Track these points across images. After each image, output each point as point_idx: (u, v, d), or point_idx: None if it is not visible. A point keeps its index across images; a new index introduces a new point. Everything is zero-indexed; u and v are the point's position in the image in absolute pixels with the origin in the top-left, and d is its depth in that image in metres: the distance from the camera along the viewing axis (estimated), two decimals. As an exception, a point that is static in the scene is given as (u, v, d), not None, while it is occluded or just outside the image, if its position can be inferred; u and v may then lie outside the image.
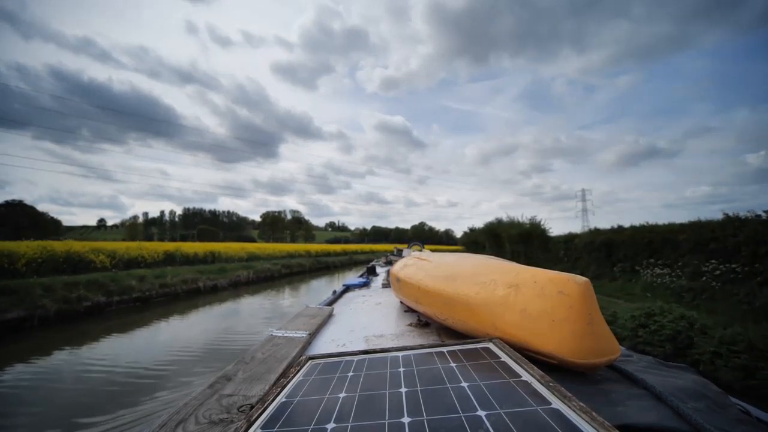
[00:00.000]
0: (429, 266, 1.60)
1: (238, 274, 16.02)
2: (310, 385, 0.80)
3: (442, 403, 0.65)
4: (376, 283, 3.37)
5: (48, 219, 64.62)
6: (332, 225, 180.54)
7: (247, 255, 21.96)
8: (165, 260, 16.02)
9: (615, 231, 12.98)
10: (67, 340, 7.06)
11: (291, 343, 1.32)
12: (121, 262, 13.76)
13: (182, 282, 12.84)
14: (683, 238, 9.60)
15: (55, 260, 11.51)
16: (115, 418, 3.81)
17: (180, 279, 12.90)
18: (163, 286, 12.00)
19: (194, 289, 13.14)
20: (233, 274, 15.71)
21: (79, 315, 9.02)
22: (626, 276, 11.17)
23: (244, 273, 16.44)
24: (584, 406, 0.57)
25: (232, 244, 26.42)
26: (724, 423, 0.68)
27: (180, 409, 0.82)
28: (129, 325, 8.42)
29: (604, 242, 12.83)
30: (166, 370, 5.40)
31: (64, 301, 8.87)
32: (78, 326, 8.22)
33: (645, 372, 0.90)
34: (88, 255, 12.56)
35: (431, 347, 0.97)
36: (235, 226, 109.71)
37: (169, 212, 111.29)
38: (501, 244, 20.55)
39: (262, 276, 17.64)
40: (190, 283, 13.11)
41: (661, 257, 10.22)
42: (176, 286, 12.44)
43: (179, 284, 12.61)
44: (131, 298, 10.62)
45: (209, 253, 19.38)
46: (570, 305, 0.86)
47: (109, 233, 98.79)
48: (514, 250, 18.68)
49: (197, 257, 18.23)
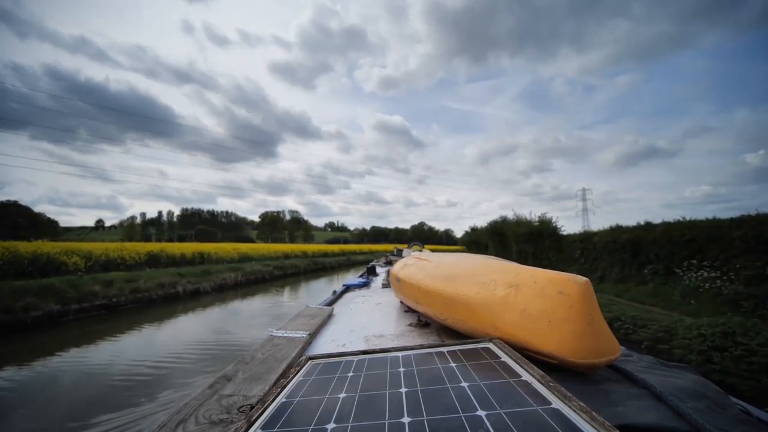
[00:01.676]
0: (429, 266, 1.60)
1: (225, 276, 14.76)
2: (310, 385, 0.80)
3: (442, 403, 0.65)
4: (376, 283, 3.37)
5: (44, 219, 64.36)
6: (331, 225, 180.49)
7: (239, 256, 20.96)
8: (148, 262, 15.03)
9: (643, 228, 11.39)
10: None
11: (291, 344, 1.32)
12: (98, 264, 12.77)
13: (158, 286, 11.55)
14: (738, 235, 8.10)
15: (19, 262, 10.45)
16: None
17: (155, 283, 11.61)
18: (135, 291, 10.71)
19: (172, 294, 11.83)
20: (219, 277, 14.43)
21: (27, 326, 7.73)
22: (659, 279, 9.85)
23: (232, 275, 15.25)
24: (584, 406, 0.57)
25: (224, 245, 25.30)
26: (724, 423, 0.68)
27: (180, 410, 0.82)
28: (74, 340, 7.09)
29: (629, 241, 11.20)
30: (97, 406, 4.17)
31: (4, 310, 7.63)
32: (10, 344, 6.88)
33: (645, 372, 0.90)
34: (59, 257, 11.48)
35: (431, 347, 0.97)
36: (233, 227, 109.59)
37: (167, 212, 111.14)
38: (506, 243, 19.73)
39: (252, 278, 16.45)
40: (167, 288, 11.82)
41: (705, 258, 8.76)
42: (151, 291, 11.14)
43: (154, 289, 11.33)
44: (94, 305, 9.36)
45: (198, 254, 18.24)
46: (570, 305, 0.86)
47: (107, 234, 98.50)
48: (521, 250, 17.77)
49: (185, 259, 17.11)
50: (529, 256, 17.02)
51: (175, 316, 9.69)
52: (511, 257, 16.99)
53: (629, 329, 5.87)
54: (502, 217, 22.31)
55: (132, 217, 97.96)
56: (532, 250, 16.91)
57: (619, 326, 6.01)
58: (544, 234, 16.44)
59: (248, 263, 19.43)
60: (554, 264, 14.78)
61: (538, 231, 16.79)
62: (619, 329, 5.94)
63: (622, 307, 7.27)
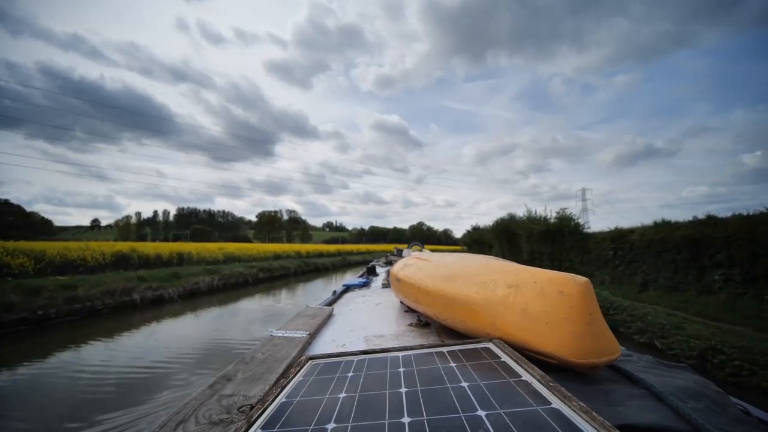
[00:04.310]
0: (429, 266, 1.60)
1: (197, 280, 12.76)
2: (310, 385, 0.80)
3: (442, 403, 0.65)
4: (376, 283, 3.38)
5: (38, 219, 63.86)
6: (330, 225, 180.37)
7: (224, 256, 19.09)
8: (116, 263, 13.36)
9: (704, 223, 9.01)
10: None
11: (291, 344, 1.32)
12: (53, 266, 11.27)
13: (106, 294, 9.40)
14: None
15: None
16: None
17: (103, 290, 9.40)
18: (73, 300, 8.64)
19: (125, 303, 9.75)
20: (190, 281, 12.43)
21: None
22: (732, 288, 7.70)
23: (207, 279, 13.24)
24: (584, 406, 0.58)
25: (207, 245, 23.38)
26: (724, 423, 0.68)
27: (180, 410, 0.82)
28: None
29: (687, 239, 8.90)
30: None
31: None
32: None
33: (645, 372, 0.90)
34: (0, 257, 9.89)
35: (431, 347, 0.97)
36: (231, 227, 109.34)
37: (162, 212, 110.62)
38: (515, 243, 17.80)
39: (231, 282, 14.54)
40: (119, 295, 9.69)
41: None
42: (95, 299, 9.02)
43: (101, 297, 9.21)
44: (11, 320, 7.42)
45: (176, 254, 16.32)
46: (570, 305, 0.86)
47: (102, 233, 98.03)
48: (534, 250, 15.66)
49: (161, 260, 15.36)
50: (544, 257, 15.05)
51: (115, 334, 7.39)
52: (520, 259, 15.72)
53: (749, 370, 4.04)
54: (510, 215, 20.02)
55: (127, 216, 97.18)
56: (549, 250, 14.86)
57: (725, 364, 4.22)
58: (564, 232, 14.26)
59: (232, 264, 17.57)
60: (578, 267, 13.00)
61: (557, 229, 14.60)
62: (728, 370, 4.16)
63: (696, 325, 5.56)
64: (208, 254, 18.18)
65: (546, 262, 14.60)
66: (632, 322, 6.20)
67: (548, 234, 14.88)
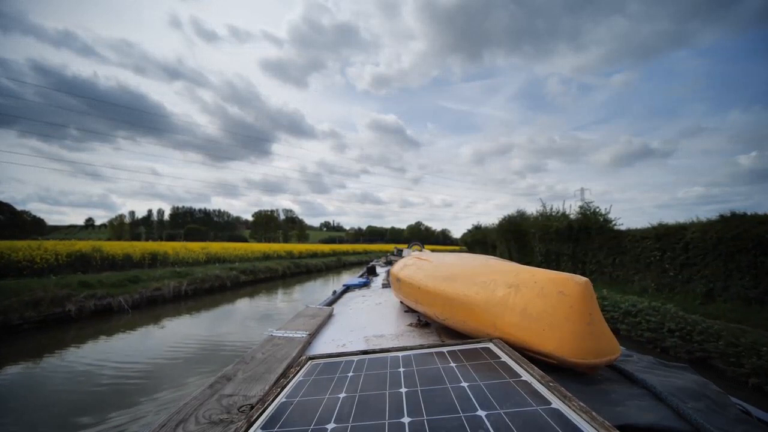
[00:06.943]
0: (429, 266, 1.60)
1: (159, 285, 10.82)
2: (310, 385, 0.80)
3: (442, 403, 0.65)
4: (376, 284, 3.38)
5: (29, 218, 62.95)
6: (327, 225, 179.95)
7: (206, 257, 17.41)
8: (72, 264, 11.72)
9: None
10: None
11: (291, 344, 1.32)
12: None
13: (26, 305, 7.56)
14: None
15: None
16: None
17: (25, 299, 7.62)
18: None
19: (56, 316, 7.91)
20: (150, 287, 10.52)
21: None
22: None
23: (172, 284, 11.24)
24: (584, 406, 0.58)
25: (189, 244, 21.49)
26: (724, 423, 0.69)
27: (180, 409, 0.81)
28: None
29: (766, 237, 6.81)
30: None
31: None
32: None
33: (645, 372, 0.91)
34: None
35: (431, 347, 0.98)
36: (227, 226, 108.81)
37: (157, 211, 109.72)
38: (525, 243, 15.79)
39: (204, 287, 12.55)
40: (48, 306, 7.84)
41: None
42: (11, 312, 7.25)
43: (21, 308, 7.45)
44: None
45: (148, 254, 14.63)
46: (570, 305, 0.87)
47: (96, 233, 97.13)
48: (550, 251, 13.51)
49: (130, 261, 13.75)
50: (563, 259, 12.81)
51: (21, 361, 5.56)
52: (533, 260, 14.21)
53: None
54: (520, 211, 18.08)
55: (120, 215, 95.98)
56: (570, 251, 12.60)
57: None
58: (591, 231, 11.85)
59: (211, 266, 15.79)
60: (609, 271, 10.88)
61: (581, 226, 12.23)
62: None
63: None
64: (187, 254, 16.49)
65: (566, 265, 12.65)
66: (746, 357, 4.37)
67: (570, 232, 12.58)
